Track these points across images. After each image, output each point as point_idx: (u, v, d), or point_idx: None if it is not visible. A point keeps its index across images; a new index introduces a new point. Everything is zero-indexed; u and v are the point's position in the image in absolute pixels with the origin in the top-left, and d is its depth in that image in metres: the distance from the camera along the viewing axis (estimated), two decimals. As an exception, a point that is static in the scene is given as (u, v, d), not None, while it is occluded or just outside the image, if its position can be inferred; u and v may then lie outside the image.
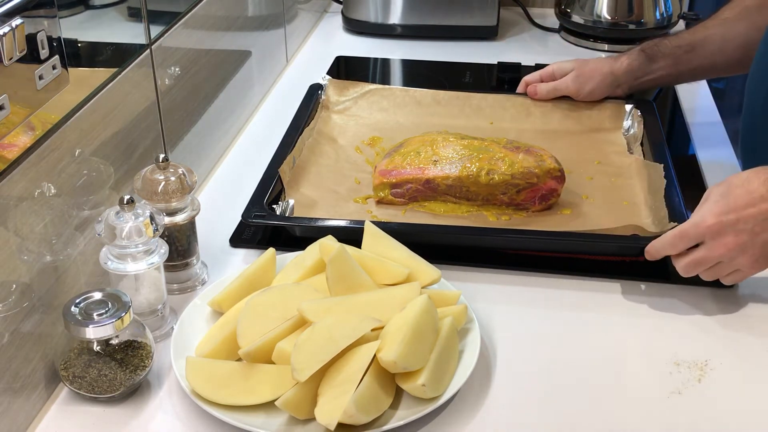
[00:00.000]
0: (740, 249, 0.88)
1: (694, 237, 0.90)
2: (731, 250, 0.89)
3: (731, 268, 0.91)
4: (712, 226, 0.89)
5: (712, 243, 0.89)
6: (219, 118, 1.26)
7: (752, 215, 0.88)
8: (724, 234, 0.88)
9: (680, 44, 1.24)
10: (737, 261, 0.90)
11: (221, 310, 0.89)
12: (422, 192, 1.11)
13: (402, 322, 0.80)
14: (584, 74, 1.29)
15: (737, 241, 0.88)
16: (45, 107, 0.78)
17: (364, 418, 0.75)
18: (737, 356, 0.89)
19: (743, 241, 0.88)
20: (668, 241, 0.92)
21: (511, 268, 1.01)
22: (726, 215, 0.88)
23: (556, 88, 1.30)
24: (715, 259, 0.90)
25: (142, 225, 0.83)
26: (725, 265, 0.91)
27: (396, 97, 1.36)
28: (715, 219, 0.89)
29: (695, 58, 1.23)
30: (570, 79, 1.29)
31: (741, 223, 0.88)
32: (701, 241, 0.90)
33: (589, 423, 0.80)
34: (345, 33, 1.76)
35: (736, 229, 0.88)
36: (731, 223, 0.88)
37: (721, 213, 0.89)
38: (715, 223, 0.89)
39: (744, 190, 0.89)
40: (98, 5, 0.91)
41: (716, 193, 0.91)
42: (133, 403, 0.82)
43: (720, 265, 0.91)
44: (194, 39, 1.16)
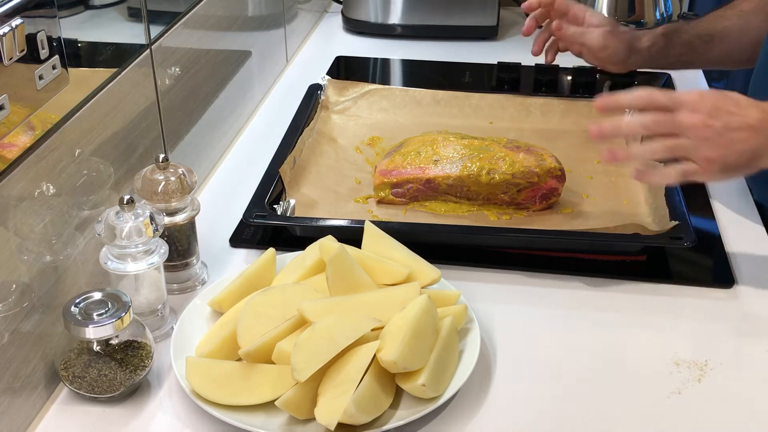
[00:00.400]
0: (707, 130, 0.87)
1: (676, 99, 0.89)
2: (700, 125, 0.87)
3: (688, 152, 0.88)
4: (695, 97, 0.88)
5: (687, 112, 0.88)
6: (219, 118, 1.26)
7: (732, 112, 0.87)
8: (701, 108, 0.87)
9: (700, 33, 1.22)
10: (697, 145, 0.87)
11: (221, 310, 0.89)
12: (423, 192, 1.11)
13: (402, 322, 0.80)
14: (612, 35, 1.23)
15: (708, 122, 0.87)
16: (45, 107, 0.78)
17: (364, 418, 0.75)
18: (737, 356, 0.89)
19: (714, 124, 0.86)
20: (643, 93, 0.90)
21: (511, 267, 1.01)
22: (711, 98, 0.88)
23: (583, 34, 1.25)
24: (683, 127, 0.88)
25: (142, 225, 0.83)
26: (685, 143, 0.88)
27: (396, 97, 1.36)
28: (700, 95, 0.88)
29: (712, 49, 1.23)
30: (599, 34, 1.24)
31: (721, 110, 0.87)
32: (678, 107, 0.88)
33: (588, 423, 0.80)
34: (345, 33, 1.76)
35: (713, 111, 0.87)
36: (713, 104, 0.87)
37: (707, 97, 0.88)
38: (699, 96, 0.88)
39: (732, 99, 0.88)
40: (98, 5, 0.91)
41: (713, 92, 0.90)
42: (133, 403, 0.82)
43: (680, 140, 0.88)
44: (194, 39, 1.16)
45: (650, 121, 0.90)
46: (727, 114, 0.87)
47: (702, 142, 0.87)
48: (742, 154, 0.87)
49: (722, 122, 0.87)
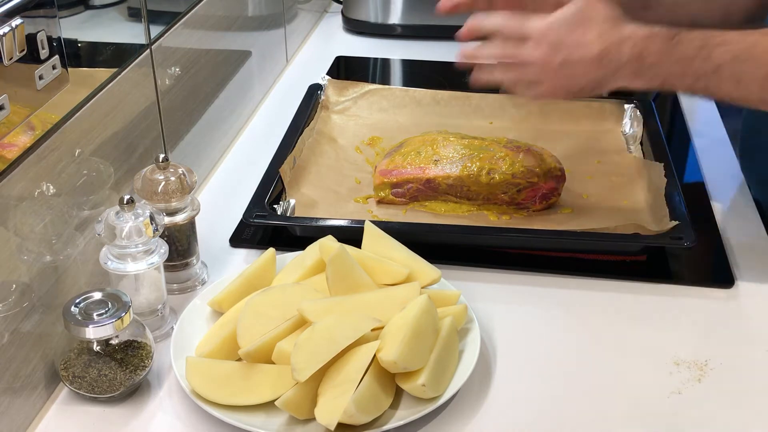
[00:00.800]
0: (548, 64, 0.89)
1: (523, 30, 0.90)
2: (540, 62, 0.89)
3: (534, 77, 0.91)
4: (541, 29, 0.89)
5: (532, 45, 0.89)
6: (219, 118, 1.26)
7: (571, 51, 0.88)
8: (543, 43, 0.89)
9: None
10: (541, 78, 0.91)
11: (221, 310, 0.89)
12: (423, 192, 1.11)
13: (402, 322, 0.80)
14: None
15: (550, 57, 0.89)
16: (45, 107, 0.78)
17: (364, 418, 0.75)
18: (737, 356, 0.89)
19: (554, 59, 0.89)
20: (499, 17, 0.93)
21: (511, 267, 1.01)
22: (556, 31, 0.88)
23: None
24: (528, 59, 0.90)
25: (142, 225, 0.83)
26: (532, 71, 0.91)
27: (396, 97, 1.36)
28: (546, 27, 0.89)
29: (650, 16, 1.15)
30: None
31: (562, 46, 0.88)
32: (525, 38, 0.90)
33: (589, 423, 0.80)
34: (345, 33, 1.76)
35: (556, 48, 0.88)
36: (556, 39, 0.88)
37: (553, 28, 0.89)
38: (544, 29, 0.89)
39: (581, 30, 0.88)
40: (98, 5, 0.91)
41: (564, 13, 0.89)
42: (133, 403, 0.82)
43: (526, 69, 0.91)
44: (194, 39, 1.16)
45: (498, 53, 0.94)
46: (571, 47, 0.88)
47: (544, 75, 0.90)
48: (583, 85, 0.90)
49: (562, 56, 0.89)
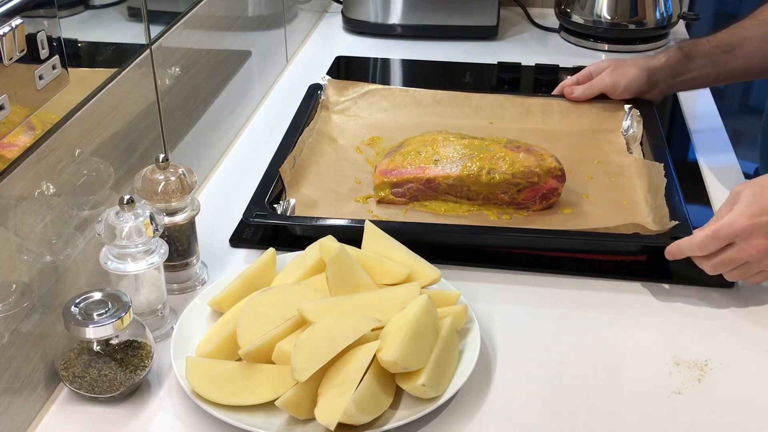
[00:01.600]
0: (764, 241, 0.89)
1: (726, 238, 0.90)
2: (761, 251, 0.89)
3: (758, 269, 0.91)
4: (746, 227, 0.89)
5: (743, 244, 0.89)
6: (219, 118, 1.26)
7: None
8: (756, 235, 0.89)
9: (718, 44, 1.22)
10: (765, 262, 0.90)
11: (221, 310, 0.89)
12: (423, 191, 1.11)
13: (402, 322, 0.80)
14: (620, 68, 1.26)
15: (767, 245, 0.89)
16: (45, 107, 0.78)
17: (364, 418, 0.75)
18: (737, 356, 0.89)
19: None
20: (697, 241, 0.92)
21: (511, 267, 1.01)
22: (759, 217, 0.88)
23: (592, 86, 1.28)
24: (744, 260, 0.90)
25: (142, 225, 0.83)
26: (752, 265, 0.91)
27: (396, 97, 1.36)
28: (747, 221, 0.89)
29: (734, 59, 1.21)
30: (606, 74, 1.27)
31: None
32: (732, 241, 0.90)
33: (589, 423, 0.80)
34: (345, 33, 1.76)
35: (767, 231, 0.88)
36: (763, 225, 0.88)
37: (754, 215, 0.89)
38: (748, 225, 0.89)
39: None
40: (98, 5, 0.91)
41: (747, 194, 0.90)
42: (133, 403, 0.82)
43: (747, 265, 0.91)
44: (194, 39, 1.16)
45: (715, 269, 0.93)
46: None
47: (766, 259, 0.90)
48: None
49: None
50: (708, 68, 1.23)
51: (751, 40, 1.20)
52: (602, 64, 1.30)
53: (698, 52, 1.23)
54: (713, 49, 1.22)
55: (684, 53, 1.24)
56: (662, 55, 1.26)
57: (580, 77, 1.31)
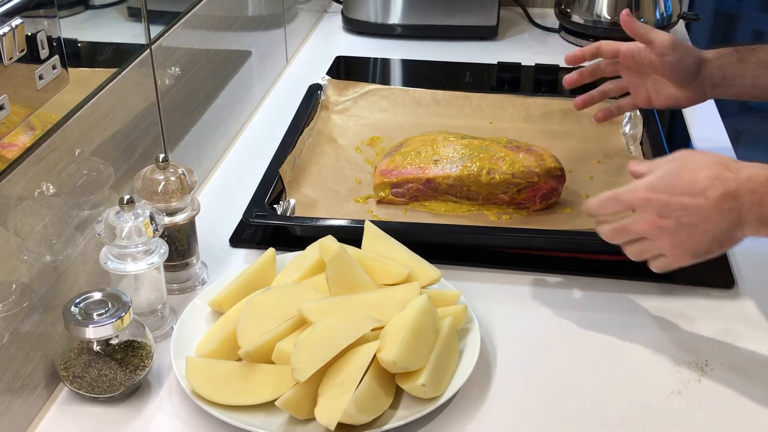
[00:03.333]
0: (661, 231, 0.84)
1: (623, 203, 0.86)
2: (651, 228, 0.84)
3: (655, 250, 0.86)
4: (642, 199, 0.84)
5: (638, 215, 0.85)
6: (219, 118, 1.26)
7: (683, 204, 0.82)
8: (649, 210, 0.84)
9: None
10: (658, 243, 0.85)
11: (221, 310, 0.89)
12: (423, 191, 1.11)
13: (402, 322, 0.80)
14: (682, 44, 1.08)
15: (659, 223, 0.83)
16: (45, 107, 0.78)
17: (364, 418, 0.75)
18: (737, 356, 0.89)
19: (666, 225, 0.83)
20: (600, 199, 0.88)
21: (511, 267, 1.01)
22: (659, 194, 0.83)
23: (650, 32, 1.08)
24: (636, 233, 0.86)
25: (142, 225, 0.83)
26: (649, 243, 0.86)
27: (396, 97, 1.36)
28: (647, 193, 0.84)
29: None
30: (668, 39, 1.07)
31: (669, 207, 0.83)
32: (630, 209, 0.86)
33: (588, 423, 0.80)
34: (345, 33, 1.76)
35: (662, 211, 0.83)
36: (660, 204, 0.83)
37: (656, 190, 0.84)
38: (645, 197, 0.84)
39: (689, 178, 0.83)
40: (98, 5, 0.91)
41: (664, 168, 0.85)
42: (133, 403, 0.82)
43: (644, 242, 0.86)
44: (194, 39, 1.16)
45: (609, 235, 0.88)
46: (678, 208, 0.82)
47: (660, 240, 0.85)
48: (708, 242, 0.83)
49: (673, 219, 0.83)
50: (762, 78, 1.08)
51: None
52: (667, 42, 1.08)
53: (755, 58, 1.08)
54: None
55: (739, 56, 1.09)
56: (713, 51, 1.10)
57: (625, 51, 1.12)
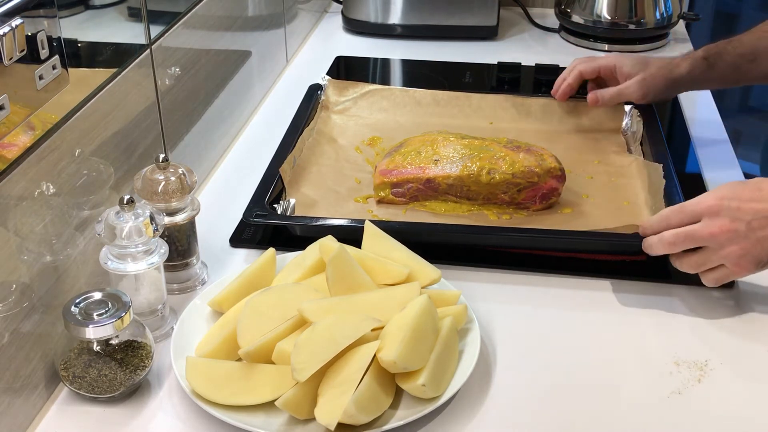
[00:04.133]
0: (732, 236, 0.87)
1: (691, 213, 0.89)
2: (723, 233, 0.87)
3: (717, 260, 0.89)
4: (713, 206, 0.88)
5: (707, 221, 0.88)
6: (219, 118, 1.26)
7: (754, 209, 0.86)
8: (721, 216, 0.87)
9: (744, 52, 1.19)
10: (725, 250, 0.87)
11: (221, 310, 0.89)
12: (423, 191, 1.11)
13: (402, 322, 0.80)
14: (649, 80, 1.23)
15: (732, 227, 0.86)
16: (45, 107, 0.78)
17: (364, 418, 0.75)
18: (737, 356, 0.89)
19: (737, 228, 0.86)
20: (664, 213, 0.91)
21: (511, 267, 1.01)
22: (729, 200, 0.87)
23: (621, 94, 1.25)
24: (704, 239, 0.88)
25: (142, 225, 0.83)
26: (712, 253, 0.88)
27: (396, 98, 1.36)
28: (716, 201, 0.88)
29: (756, 68, 1.20)
30: (635, 84, 1.23)
31: (741, 212, 0.86)
32: (698, 219, 0.89)
33: (588, 423, 0.80)
34: (345, 33, 1.76)
35: (734, 215, 0.86)
36: (732, 209, 0.87)
37: (724, 197, 0.88)
38: (716, 204, 0.87)
39: (753, 187, 0.88)
40: (98, 5, 0.91)
41: (726, 184, 0.90)
42: (133, 403, 0.82)
43: (707, 251, 0.89)
44: (194, 39, 1.16)
45: (672, 239, 0.90)
46: (748, 211, 0.86)
47: (728, 247, 0.87)
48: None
49: (745, 223, 0.86)
50: (729, 76, 1.22)
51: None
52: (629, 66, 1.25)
53: (722, 61, 1.21)
54: (738, 58, 1.20)
55: (708, 63, 1.21)
56: (686, 62, 1.22)
57: (603, 70, 1.27)
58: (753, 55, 1.19)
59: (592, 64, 1.28)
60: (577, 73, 1.29)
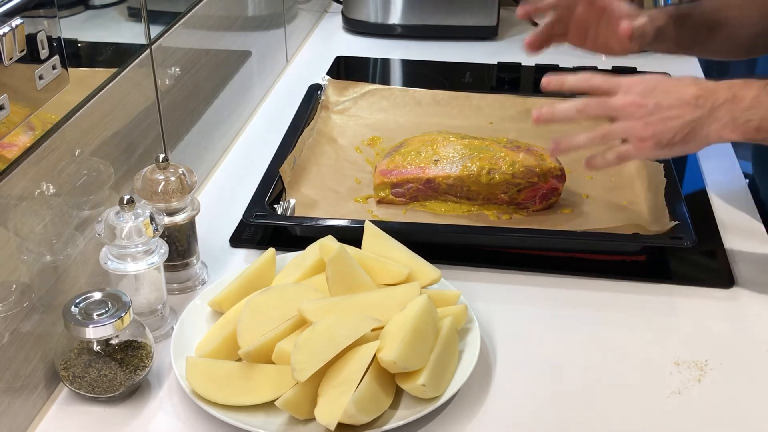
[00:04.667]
0: (639, 110, 0.87)
1: (614, 83, 0.89)
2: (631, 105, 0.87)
3: (621, 131, 0.89)
4: (634, 82, 0.88)
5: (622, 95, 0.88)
6: (219, 118, 1.26)
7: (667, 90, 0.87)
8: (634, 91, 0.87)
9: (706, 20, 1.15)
10: (629, 123, 0.87)
11: (221, 310, 0.89)
12: (423, 191, 1.11)
13: (402, 322, 0.80)
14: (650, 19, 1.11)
15: (640, 101, 0.87)
16: (45, 107, 0.78)
17: (364, 418, 0.75)
18: (737, 356, 0.89)
19: (646, 104, 0.87)
20: (589, 74, 0.91)
21: (511, 267, 1.01)
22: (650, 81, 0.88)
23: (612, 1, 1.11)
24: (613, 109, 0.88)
25: (142, 225, 0.83)
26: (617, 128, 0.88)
27: (396, 98, 1.36)
28: (639, 79, 0.88)
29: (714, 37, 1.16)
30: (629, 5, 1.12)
31: (656, 91, 0.87)
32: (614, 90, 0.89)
33: (588, 423, 0.80)
34: (345, 33, 1.76)
35: (647, 92, 0.87)
36: (648, 87, 0.87)
37: (649, 79, 0.88)
38: (638, 81, 0.88)
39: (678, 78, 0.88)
40: (98, 5, 0.91)
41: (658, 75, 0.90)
42: (133, 403, 0.82)
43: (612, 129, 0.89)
44: (194, 39, 1.16)
45: (582, 105, 0.90)
46: (662, 93, 0.87)
47: (633, 122, 0.87)
48: (676, 130, 0.86)
49: (654, 101, 0.87)
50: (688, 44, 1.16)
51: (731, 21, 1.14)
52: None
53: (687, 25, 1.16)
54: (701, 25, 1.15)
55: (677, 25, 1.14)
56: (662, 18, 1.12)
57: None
58: (714, 23, 1.16)
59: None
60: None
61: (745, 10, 1.15)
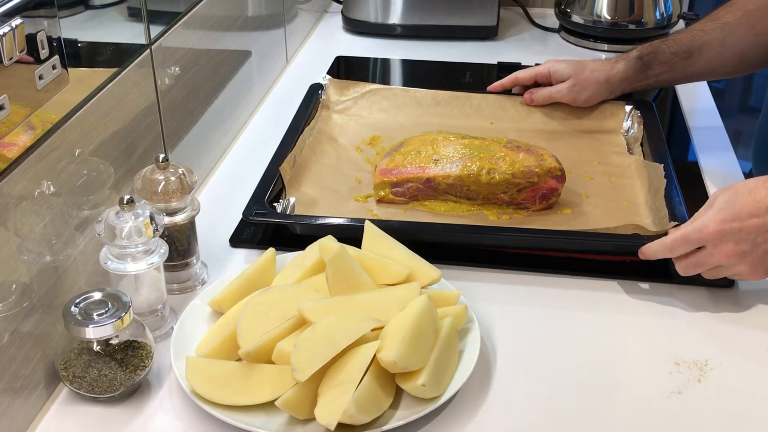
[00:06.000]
0: (740, 257, 0.89)
1: (695, 242, 0.90)
2: (731, 257, 0.89)
3: (730, 273, 0.91)
4: (714, 233, 0.89)
5: (713, 249, 0.90)
6: (219, 118, 1.26)
7: (755, 225, 0.88)
8: (725, 241, 0.89)
9: (678, 51, 1.22)
10: (735, 269, 0.90)
11: (221, 310, 0.89)
12: (423, 191, 1.11)
13: (402, 322, 0.80)
14: (580, 84, 1.28)
15: (737, 250, 0.89)
16: (45, 107, 0.78)
17: (364, 418, 0.75)
18: (737, 356, 0.89)
19: (743, 250, 0.88)
20: (667, 244, 0.92)
21: (511, 267, 1.01)
22: (729, 223, 0.88)
23: (551, 96, 1.30)
24: (714, 264, 0.91)
25: (142, 225, 0.83)
26: (724, 269, 0.91)
27: (396, 97, 1.36)
28: (717, 226, 0.89)
29: (692, 65, 1.22)
30: (566, 89, 1.28)
31: (743, 232, 0.88)
32: (702, 246, 0.90)
33: (588, 423, 0.80)
34: (345, 33, 1.76)
35: (737, 238, 0.88)
36: (733, 232, 0.88)
37: (725, 221, 0.88)
38: (718, 230, 0.89)
39: (750, 199, 0.88)
40: (98, 5, 0.91)
41: (722, 199, 0.90)
42: (133, 403, 0.82)
43: (720, 268, 0.91)
44: (194, 39, 1.16)
45: (688, 268, 0.93)
46: (752, 230, 0.88)
47: (737, 266, 0.90)
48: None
49: (749, 242, 0.88)
50: (665, 74, 1.24)
51: (711, 45, 1.20)
52: (561, 70, 1.29)
53: (657, 60, 1.23)
54: (672, 56, 1.22)
55: (643, 63, 1.24)
56: (621, 64, 1.26)
57: (539, 76, 1.31)
58: (687, 53, 1.21)
59: (528, 72, 1.33)
60: (513, 77, 1.34)
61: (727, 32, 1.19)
